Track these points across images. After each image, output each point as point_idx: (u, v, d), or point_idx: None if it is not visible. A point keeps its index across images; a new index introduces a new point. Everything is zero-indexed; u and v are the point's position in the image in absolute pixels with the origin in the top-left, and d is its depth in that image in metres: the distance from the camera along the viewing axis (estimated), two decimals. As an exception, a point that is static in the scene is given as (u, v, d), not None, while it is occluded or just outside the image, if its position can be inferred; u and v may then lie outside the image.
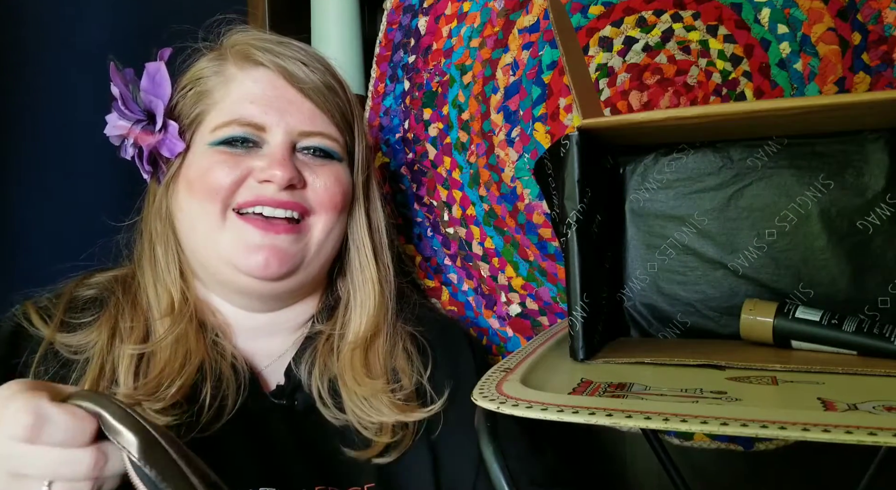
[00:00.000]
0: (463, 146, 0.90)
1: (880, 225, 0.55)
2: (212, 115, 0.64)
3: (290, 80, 0.64)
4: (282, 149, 0.63)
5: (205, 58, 0.67)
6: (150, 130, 0.63)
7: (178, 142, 0.63)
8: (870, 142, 0.55)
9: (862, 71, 0.71)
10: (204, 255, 0.63)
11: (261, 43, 0.65)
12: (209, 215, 0.62)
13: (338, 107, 0.67)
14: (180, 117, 0.64)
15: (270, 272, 0.61)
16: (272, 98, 0.63)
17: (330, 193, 0.65)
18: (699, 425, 0.33)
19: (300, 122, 0.64)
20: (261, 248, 0.61)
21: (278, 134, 0.63)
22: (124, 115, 0.62)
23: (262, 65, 0.64)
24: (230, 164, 0.62)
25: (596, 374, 0.47)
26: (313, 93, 0.65)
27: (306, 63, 0.65)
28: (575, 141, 0.51)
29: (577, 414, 0.36)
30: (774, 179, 0.59)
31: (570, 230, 0.51)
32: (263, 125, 0.63)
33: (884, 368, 0.46)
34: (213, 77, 0.65)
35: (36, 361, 0.58)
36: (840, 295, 0.56)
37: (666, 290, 0.62)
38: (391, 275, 0.72)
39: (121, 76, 0.62)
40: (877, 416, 0.34)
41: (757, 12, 0.75)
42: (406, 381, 0.66)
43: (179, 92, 0.65)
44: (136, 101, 0.63)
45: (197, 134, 0.64)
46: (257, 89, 0.63)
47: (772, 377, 0.45)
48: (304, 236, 0.64)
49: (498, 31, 0.87)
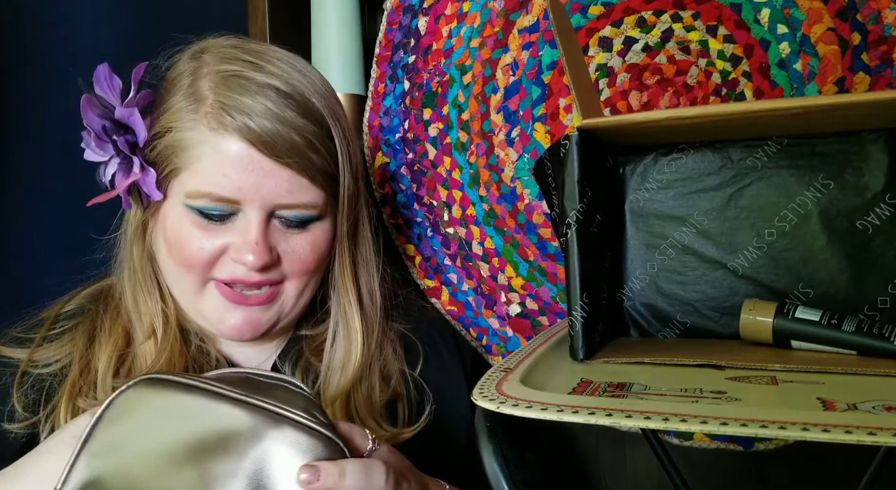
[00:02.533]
0: (463, 146, 0.90)
1: (880, 225, 0.55)
2: (186, 174, 0.60)
3: (264, 150, 0.58)
4: (256, 228, 0.60)
5: (181, 95, 0.61)
6: (125, 167, 0.60)
7: (156, 192, 0.60)
8: (869, 142, 0.55)
9: (861, 71, 0.71)
10: (184, 306, 0.65)
11: (234, 99, 0.58)
12: (188, 283, 0.62)
13: (320, 167, 0.61)
14: (156, 164, 0.60)
15: (245, 338, 0.64)
16: (247, 171, 0.58)
17: (304, 264, 0.64)
18: (699, 425, 0.33)
19: (277, 196, 0.60)
20: (237, 319, 0.62)
21: (254, 208, 0.60)
22: (97, 151, 0.60)
23: (235, 132, 0.58)
24: (205, 237, 0.60)
25: (596, 374, 0.47)
26: (292, 160, 0.59)
27: (284, 121, 0.58)
28: (575, 141, 0.51)
29: (577, 414, 0.36)
30: (774, 179, 0.59)
31: (569, 230, 0.51)
32: (238, 200, 0.59)
33: (883, 368, 0.46)
34: (187, 132, 0.60)
35: (15, 385, 0.60)
36: (840, 295, 0.57)
37: (666, 289, 0.62)
38: (377, 303, 0.70)
39: (92, 106, 0.58)
40: (876, 416, 0.34)
41: (756, 12, 0.75)
42: (396, 383, 0.67)
43: (156, 136, 0.61)
44: (109, 133, 0.59)
45: (173, 184, 0.61)
46: (231, 160, 0.58)
47: (771, 377, 0.45)
48: (276, 301, 0.64)
49: (498, 31, 0.87)
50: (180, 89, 0.61)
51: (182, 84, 0.61)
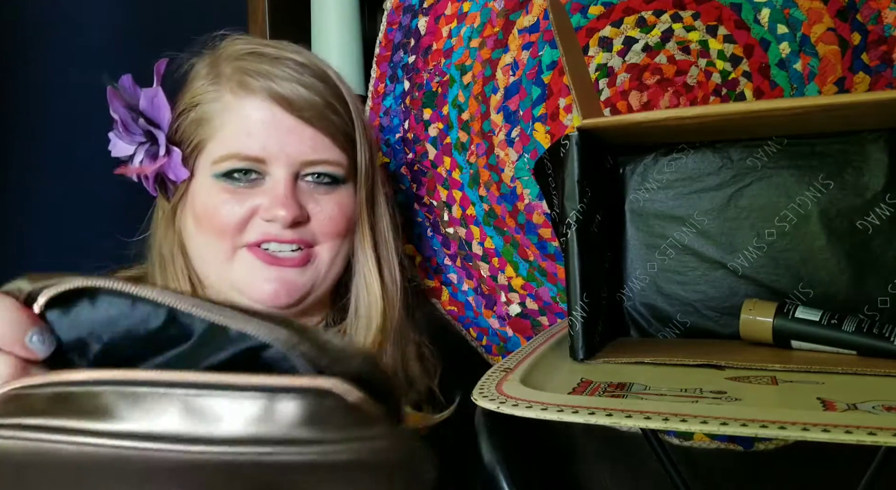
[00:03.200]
0: (463, 146, 0.90)
1: (880, 225, 0.55)
2: (212, 144, 0.63)
3: (287, 107, 0.61)
4: (284, 184, 0.62)
5: (201, 76, 0.65)
6: (153, 153, 0.62)
7: (182, 170, 0.62)
8: (869, 142, 0.55)
9: (861, 71, 0.71)
10: (216, 282, 0.65)
11: (255, 64, 0.63)
12: (219, 252, 0.63)
13: (339, 127, 0.65)
14: (182, 143, 0.63)
15: (280, 302, 0.63)
16: (271, 129, 0.61)
17: (334, 223, 0.65)
18: (699, 425, 0.33)
19: (302, 152, 0.62)
20: (271, 281, 0.63)
21: (280, 167, 0.62)
22: (124, 139, 0.62)
23: (258, 93, 0.62)
24: (234, 201, 0.62)
25: (596, 374, 0.47)
26: (313, 118, 0.62)
27: (304, 84, 0.62)
28: (575, 141, 0.51)
29: (577, 414, 0.36)
30: (774, 179, 0.59)
31: (569, 230, 0.51)
32: (263, 158, 0.62)
33: (883, 368, 0.46)
34: (210, 103, 0.63)
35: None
36: (840, 295, 0.56)
37: (666, 290, 0.62)
38: (398, 283, 0.71)
39: (118, 98, 0.61)
40: (876, 416, 0.34)
41: (756, 12, 0.75)
42: (420, 385, 0.67)
43: (179, 116, 0.64)
44: (136, 122, 0.61)
45: (200, 160, 0.63)
46: (255, 121, 0.61)
47: (771, 377, 0.45)
48: (310, 266, 0.65)
49: (498, 31, 0.87)
50: (199, 73, 0.65)
51: (201, 71, 0.65)
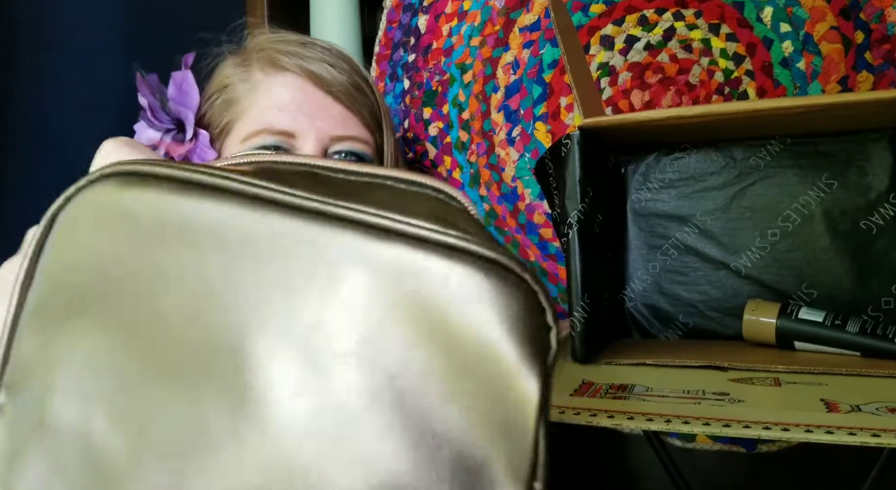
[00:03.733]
0: (463, 145, 0.90)
1: (884, 225, 0.55)
2: (241, 123, 0.63)
3: (317, 83, 0.63)
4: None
5: (229, 63, 0.66)
6: (180, 140, 0.63)
7: (210, 151, 0.62)
8: (872, 141, 0.55)
9: (865, 70, 0.71)
10: None
11: (285, 46, 0.64)
12: None
13: (367, 106, 0.66)
14: (210, 126, 0.64)
15: None
16: (301, 103, 0.62)
17: None
18: (701, 427, 0.33)
19: (331, 127, 0.63)
20: None
21: (310, 140, 0.62)
22: (153, 124, 0.62)
23: (289, 70, 0.63)
24: None
25: (597, 376, 0.46)
26: (342, 95, 0.64)
27: (332, 64, 0.64)
28: (576, 140, 0.51)
29: (579, 415, 0.35)
30: (777, 179, 0.58)
31: (571, 230, 0.51)
32: (294, 132, 0.62)
33: (887, 369, 0.45)
34: (239, 84, 0.64)
35: None
36: (843, 295, 0.56)
37: (668, 290, 0.62)
38: None
39: (147, 85, 0.61)
40: (880, 418, 0.34)
41: (759, 11, 0.74)
42: None
43: (207, 100, 0.65)
44: (164, 109, 0.62)
45: (227, 142, 0.64)
46: (286, 95, 0.63)
47: (774, 378, 0.45)
48: None
49: (498, 29, 0.87)
50: (227, 61, 0.67)
51: (229, 59, 0.67)
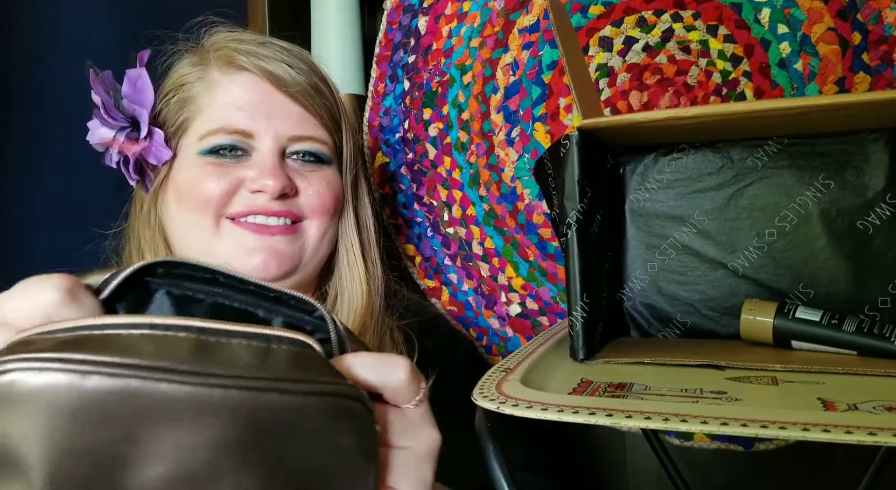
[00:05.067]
0: (463, 146, 0.90)
1: (880, 225, 0.55)
2: (197, 122, 0.62)
3: (275, 83, 0.62)
4: (271, 156, 0.61)
5: (186, 61, 0.65)
6: (134, 138, 0.61)
7: (165, 149, 0.61)
8: (870, 142, 0.55)
9: (862, 71, 0.71)
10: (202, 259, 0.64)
11: (243, 45, 0.63)
12: (202, 227, 0.61)
13: (325, 107, 0.65)
14: (165, 124, 0.63)
15: (270, 273, 0.61)
16: (259, 103, 0.62)
17: (322, 199, 0.64)
18: (699, 425, 0.33)
19: (289, 127, 0.63)
20: (259, 251, 0.61)
21: (267, 140, 0.62)
22: (107, 122, 0.61)
23: (246, 69, 0.62)
24: (219, 174, 0.61)
25: (596, 374, 0.47)
26: (300, 95, 0.63)
27: (290, 64, 0.63)
28: (575, 141, 0.51)
29: (577, 414, 0.36)
30: (774, 179, 0.58)
31: (569, 230, 0.51)
32: (251, 132, 0.61)
33: (884, 368, 0.45)
34: (196, 83, 0.63)
35: None
36: (840, 295, 0.56)
37: (666, 290, 0.62)
38: (379, 272, 0.71)
39: (101, 82, 0.60)
40: (877, 416, 0.34)
41: (757, 12, 0.74)
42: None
43: (163, 98, 0.63)
44: (118, 107, 0.61)
45: (183, 141, 0.63)
46: (243, 95, 0.62)
47: (772, 377, 0.45)
48: (299, 237, 0.64)
49: (498, 30, 0.87)
50: (184, 59, 0.66)
51: (185, 57, 0.66)
